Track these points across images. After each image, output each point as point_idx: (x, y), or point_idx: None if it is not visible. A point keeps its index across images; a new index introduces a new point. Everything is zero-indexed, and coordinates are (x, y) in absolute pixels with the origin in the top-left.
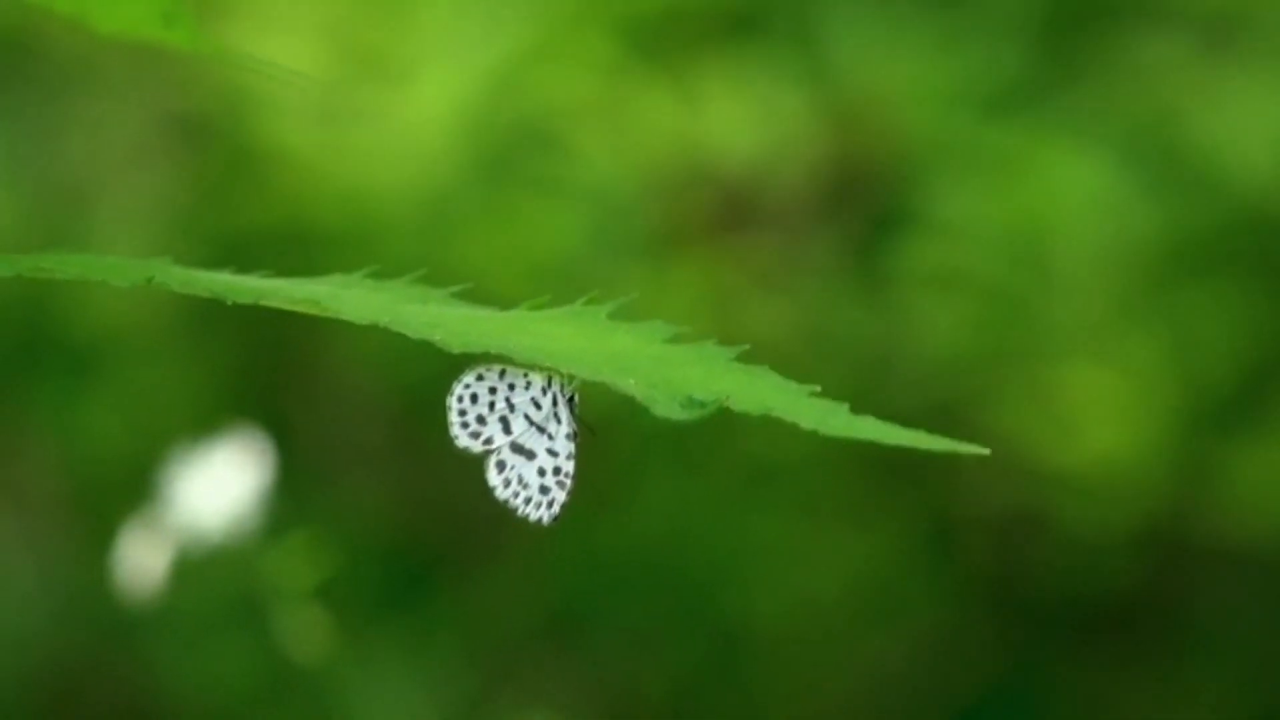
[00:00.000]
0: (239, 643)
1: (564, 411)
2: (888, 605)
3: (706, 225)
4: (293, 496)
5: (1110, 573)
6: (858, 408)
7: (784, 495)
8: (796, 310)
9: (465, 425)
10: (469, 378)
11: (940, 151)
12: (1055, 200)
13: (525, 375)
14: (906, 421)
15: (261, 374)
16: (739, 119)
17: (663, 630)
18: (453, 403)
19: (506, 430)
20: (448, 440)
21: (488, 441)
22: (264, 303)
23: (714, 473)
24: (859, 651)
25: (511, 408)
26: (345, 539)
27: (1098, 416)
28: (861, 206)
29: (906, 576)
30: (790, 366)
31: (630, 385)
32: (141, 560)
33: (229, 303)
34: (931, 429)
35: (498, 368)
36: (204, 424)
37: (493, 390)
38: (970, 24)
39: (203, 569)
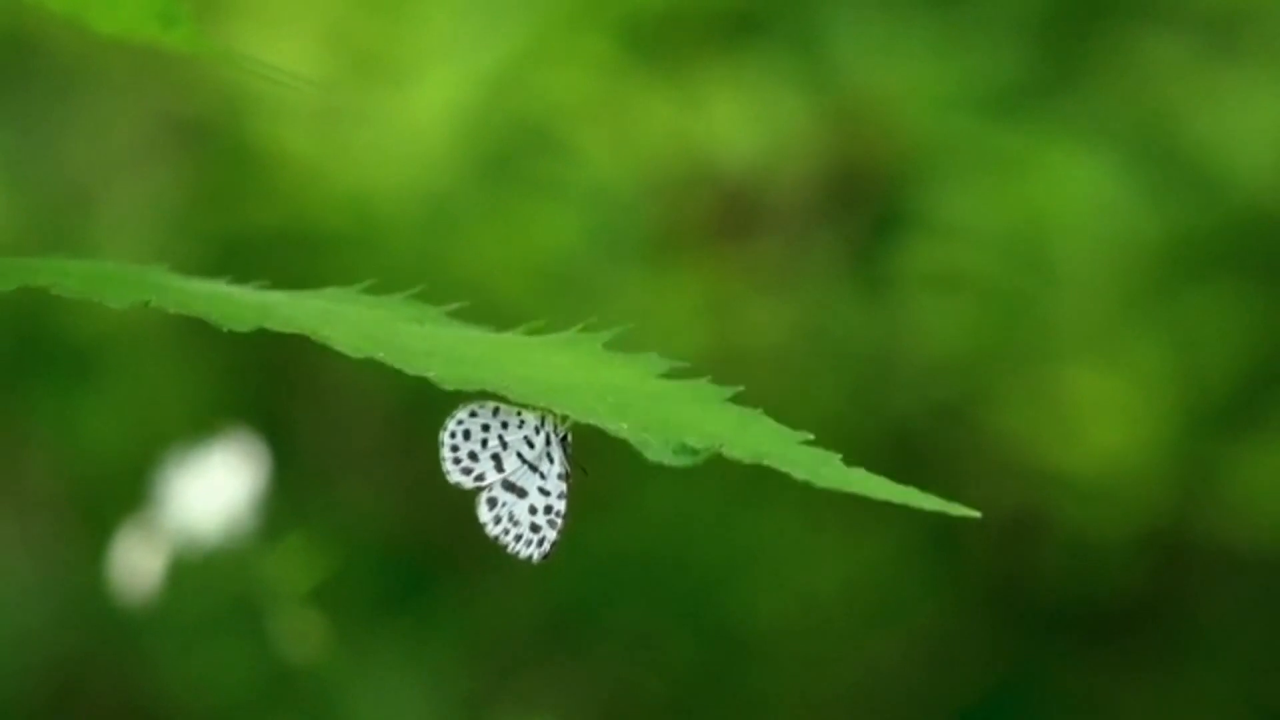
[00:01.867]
0: (237, 644)
1: (557, 451)
2: (887, 605)
3: (707, 226)
4: (291, 497)
5: (1111, 574)
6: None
7: (784, 495)
8: (797, 311)
9: (457, 461)
10: (462, 414)
11: (941, 152)
12: (1056, 201)
13: (518, 413)
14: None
15: (261, 374)
16: (739, 120)
17: (663, 630)
18: (445, 439)
19: (499, 467)
20: None
21: (479, 478)
22: (261, 326)
23: (714, 473)
24: (859, 651)
25: (504, 445)
26: (344, 540)
27: (1099, 417)
28: (862, 207)
29: (906, 576)
30: (790, 368)
31: (623, 429)
32: (138, 561)
33: (224, 329)
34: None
35: (491, 405)
36: (202, 425)
37: (485, 427)
38: (971, 24)
39: (200, 570)
